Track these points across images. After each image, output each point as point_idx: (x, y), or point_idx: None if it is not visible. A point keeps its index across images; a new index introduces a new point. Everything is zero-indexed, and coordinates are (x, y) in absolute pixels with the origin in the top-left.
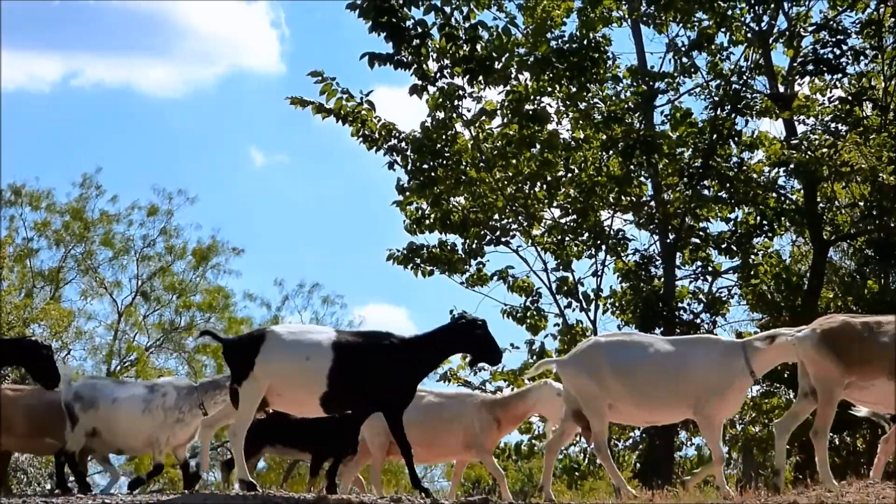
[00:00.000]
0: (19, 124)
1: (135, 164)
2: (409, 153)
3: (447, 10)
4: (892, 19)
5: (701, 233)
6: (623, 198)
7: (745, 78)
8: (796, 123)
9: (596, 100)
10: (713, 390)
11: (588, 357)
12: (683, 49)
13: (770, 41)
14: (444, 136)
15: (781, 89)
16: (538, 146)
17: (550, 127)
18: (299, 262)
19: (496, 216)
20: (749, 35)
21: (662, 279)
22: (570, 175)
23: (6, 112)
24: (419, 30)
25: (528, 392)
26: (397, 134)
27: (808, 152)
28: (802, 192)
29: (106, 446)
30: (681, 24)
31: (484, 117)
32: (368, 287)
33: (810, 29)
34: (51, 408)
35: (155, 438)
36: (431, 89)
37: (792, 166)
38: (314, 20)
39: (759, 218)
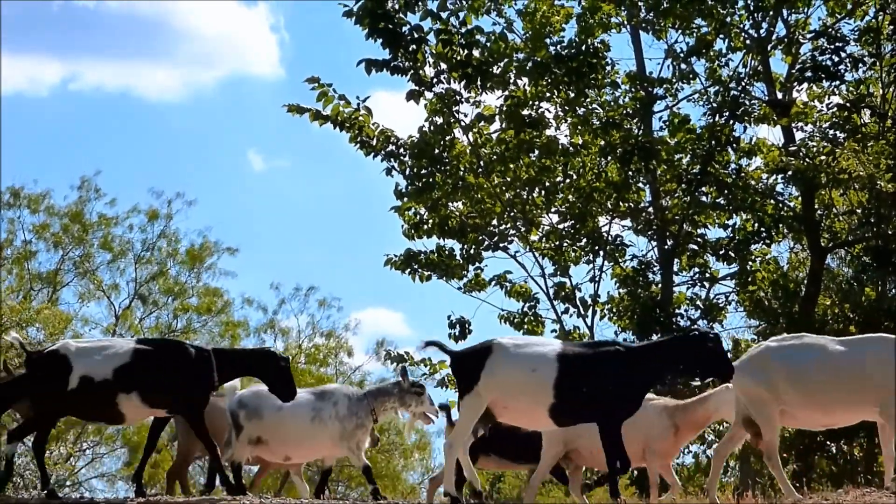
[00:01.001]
0: (18, 127)
1: (134, 168)
2: (406, 159)
3: (443, 15)
4: (891, 27)
5: (699, 239)
6: (621, 204)
7: (743, 84)
8: (794, 130)
9: (594, 105)
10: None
11: (759, 363)
12: (682, 55)
13: (769, 48)
14: (442, 142)
15: (780, 96)
16: (536, 151)
17: (549, 132)
18: (298, 266)
19: (494, 221)
20: (748, 42)
21: (660, 285)
22: (568, 181)
23: (5, 115)
24: (416, 35)
25: (709, 397)
26: (395, 140)
27: (806, 159)
28: (800, 198)
29: (273, 455)
30: (679, 31)
31: (482, 122)
32: (366, 291)
33: (809, 36)
34: (215, 414)
35: (344, 447)
36: (429, 94)
37: (790, 173)
38: (313, 25)
39: (756, 224)
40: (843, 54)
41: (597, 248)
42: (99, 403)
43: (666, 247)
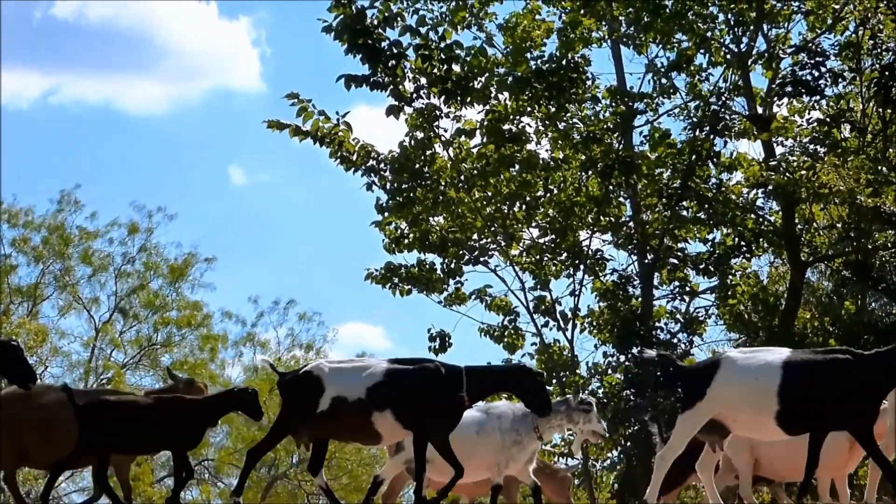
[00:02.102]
0: None
1: (115, 182)
2: (387, 174)
3: (423, 30)
4: (871, 42)
5: (679, 253)
6: (602, 218)
7: (723, 99)
8: (775, 145)
9: (575, 120)
10: None
11: None
12: (663, 70)
13: (749, 63)
14: (422, 156)
15: (760, 111)
16: (517, 166)
17: (529, 147)
18: (278, 280)
19: (475, 236)
20: (728, 56)
21: (640, 299)
22: (548, 195)
23: None
24: (395, 50)
25: (884, 412)
26: (375, 155)
27: (787, 174)
28: (780, 213)
29: (439, 473)
30: (660, 45)
31: (462, 137)
32: (346, 306)
33: (789, 51)
34: None
35: (494, 462)
36: (409, 110)
37: (770, 188)
38: (295, 39)
39: (737, 239)
40: (823, 69)
41: (577, 262)
42: (353, 423)
43: (646, 261)
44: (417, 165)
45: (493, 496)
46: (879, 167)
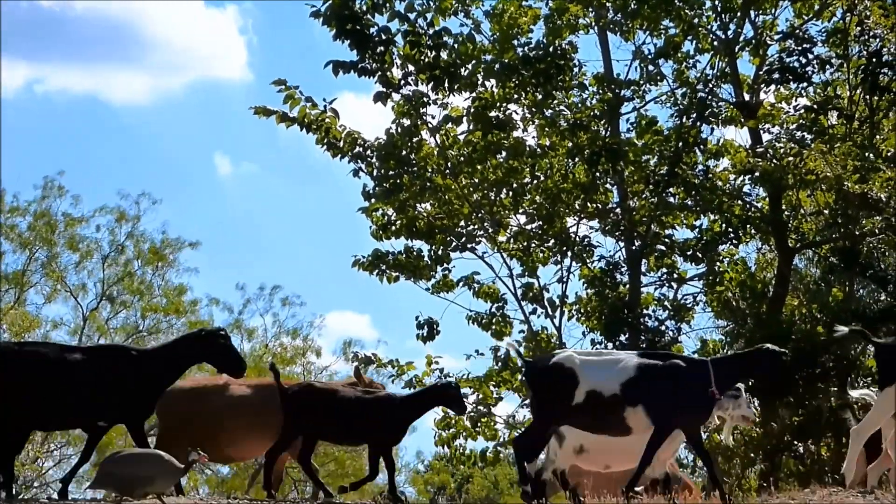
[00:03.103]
0: None
1: (99, 172)
2: (374, 160)
3: (411, 16)
4: (858, 28)
5: (666, 240)
6: (589, 205)
7: (710, 86)
8: (762, 132)
9: (562, 107)
10: None
11: None
12: (650, 57)
13: (736, 49)
14: (409, 143)
15: (747, 98)
16: (504, 153)
17: (516, 134)
18: (264, 269)
19: (462, 223)
20: (715, 43)
21: (628, 286)
22: (535, 182)
23: None
24: (383, 37)
25: None
26: (362, 142)
27: (774, 160)
28: (768, 200)
29: (593, 464)
30: (647, 32)
31: (450, 124)
32: (333, 294)
33: (776, 37)
34: None
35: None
36: (396, 96)
37: (757, 174)
38: (282, 28)
39: (724, 225)
40: (810, 56)
41: (564, 249)
42: (606, 417)
43: (634, 248)
44: (404, 152)
45: (662, 486)
46: (866, 154)
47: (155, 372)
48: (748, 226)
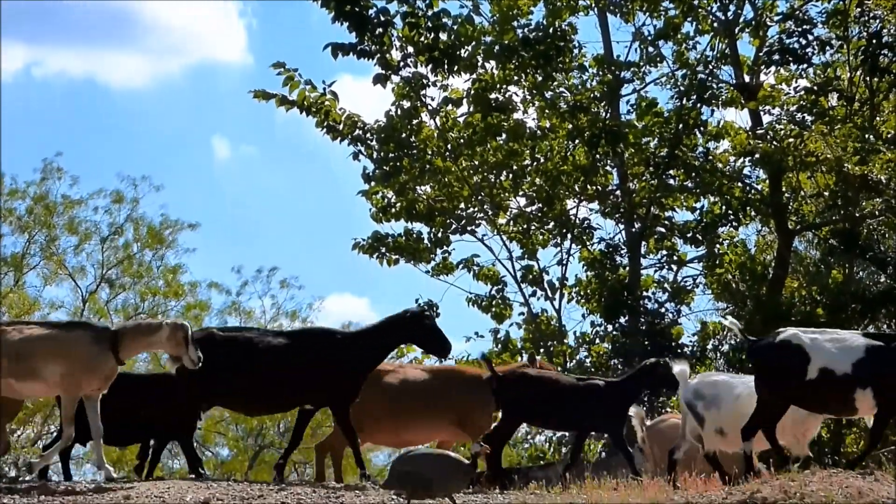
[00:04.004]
0: None
1: (98, 155)
2: (373, 143)
3: None
4: (858, 9)
5: (666, 222)
6: (589, 187)
7: (711, 68)
8: (762, 113)
9: (562, 89)
10: None
11: None
12: (650, 38)
13: (736, 31)
14: (409, 126)
15: (747, 79)
16: (504, 135)
17: (516, 116)
18: (264, 252)
19: (462, 205)
20: (715, 25)
21: (627, 268)
22: (535, 164)
23: None
24: (382, 18)
25: None
26: (362, 125)
27: (774, 142)
28: (768, 181)
29: (730, 445)
30: (647, 14)
31: (449, 106)
32: (332, 277)
33: (776, 19)
34: None
35: (791, 433)
36: (395, 78)
37: (757, 156)
38: (281, 10)
39: (724, 207)
40: (810, 37)
41: (564, 231)
42: (836, 397)
43: (633, 230)
44: (404, 135)
45: (803, 465)
46: (867, 135)
47: (359, 355)
48: (748, 208)
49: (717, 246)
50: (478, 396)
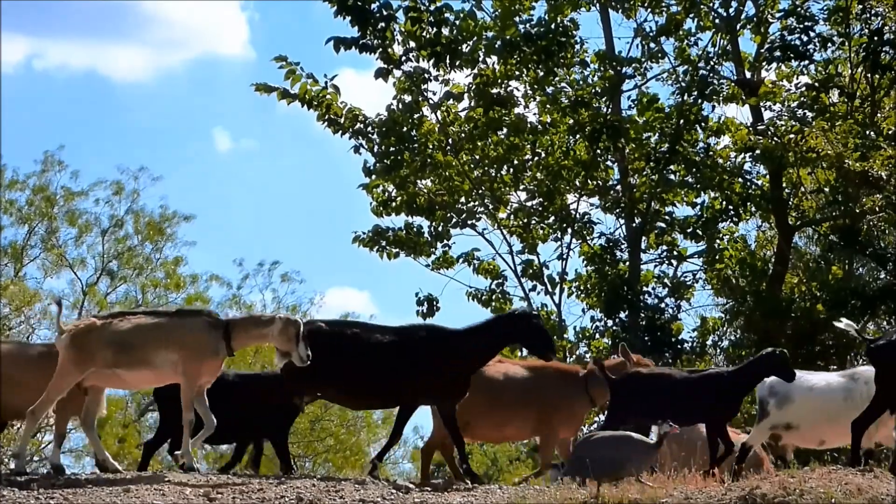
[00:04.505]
0: None
1: (99, 148)
2: (374, 137)
3: None
4: (859, 6)
5: (667, 217)
6: (589, 182)
7: (712, 64)
8: (763, 109)
9: (563, 84)
10: None
11: None
12: (651, 34)
13: (738, 27)
14: (410, 120)
15: (748, 75)
16: (505, 130)
17: (517, 111)
18: (264, 245)
19: (462, 199)
20: (717, 21)
21: (627, 263)
22: (536, 159)
23: None
24: (384, 13)
25: None
26: (363, 118)
27: (775, 138)
28: (768, 177)
29: (805, 440)
30: (649, 10)
31: (451, 101)
32: (333, 271)
33: (778, 15)
34: None
35: None
36: (397, 73)
37: (758, 152)
38: (283, 4)
39: (724, 203)
40: (811, 34)
41: (565, 225)
42: None
43: (634, 225)
44: (405, 129)
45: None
46: (867, 132)
47: (467, 353)
48: (748, 203)
49: (718, 241)
50: (573, 392)
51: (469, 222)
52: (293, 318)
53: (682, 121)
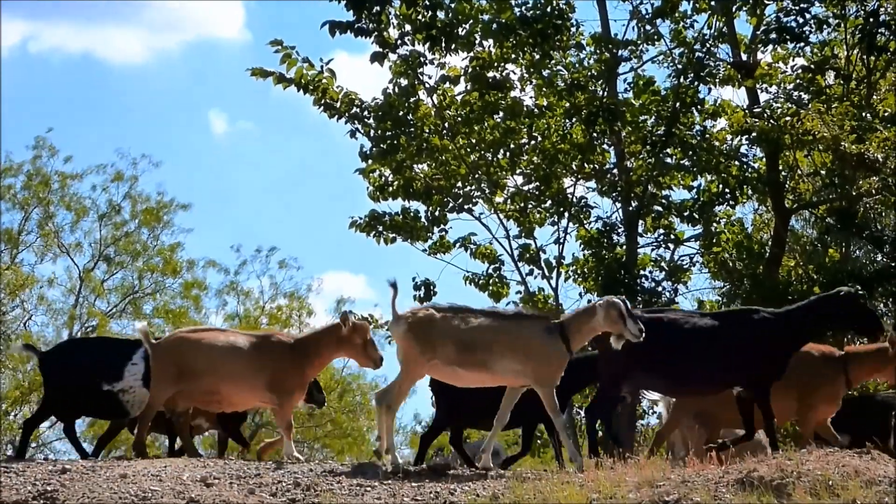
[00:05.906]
0: None
1: (95, 131)
2: (371, 121)
3: None
4: None
5: (663, 200)
6: (586, 165)
7: (708, 46)
8: (759, 92)
9: (559, 67)
10: None
11: None
12: (647, 17)
13: (734, 9)
14: (406, 104)
15: (744, 58)
16: (501, 113)
17: (513, 94)
18: (261, 229)
19: (459, 183)
20: (713, 3)
21: (624, 247)
22: (532, 142)
23: None
24: None
25: None
26: (359, 102)
27: (771, 121)
28: (765, 160)
29: None
30: None
31: (447, 84)
32: (329, 255)
33: None
34: None
35: None
36: (393, 56)
37: (754, 134)
38: None
39: (721, 186)
40: (807, 16)
41: (561, 209)
42: None
43: (630, 208)
44: (401, 113)
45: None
46: (863, 114)
47: (786, 335)
48: (745, 186)
49: (714, 224)
50: (831, 373)
51: (466, 206)
52: (611, 300)
53: (678, 103)
